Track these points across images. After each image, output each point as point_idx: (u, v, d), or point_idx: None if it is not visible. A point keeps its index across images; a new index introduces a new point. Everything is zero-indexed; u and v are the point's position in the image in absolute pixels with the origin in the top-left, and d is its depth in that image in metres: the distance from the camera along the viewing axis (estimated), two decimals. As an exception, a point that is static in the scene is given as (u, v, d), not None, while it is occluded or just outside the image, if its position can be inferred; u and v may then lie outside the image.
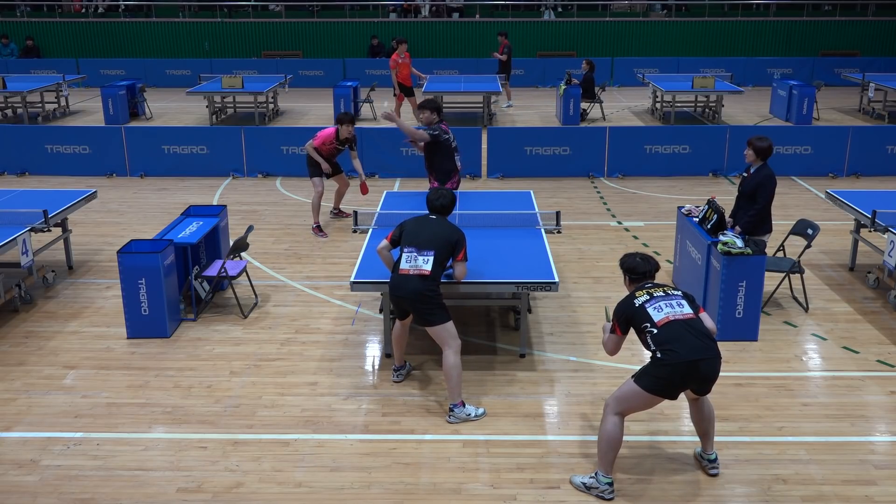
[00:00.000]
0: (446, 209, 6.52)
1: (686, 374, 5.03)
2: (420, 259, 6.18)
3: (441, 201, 6.50)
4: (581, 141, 13.52)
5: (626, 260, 5.65)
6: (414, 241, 6.27)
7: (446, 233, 6.30)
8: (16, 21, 25.30)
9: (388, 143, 13.52)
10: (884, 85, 17.72)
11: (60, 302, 8.45)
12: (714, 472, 5.50)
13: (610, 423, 5.21)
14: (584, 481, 5.34)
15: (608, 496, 5.24)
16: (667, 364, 5.02)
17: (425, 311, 6.15)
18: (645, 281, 5.51)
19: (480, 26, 24.85)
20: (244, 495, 5.35)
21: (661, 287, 5.36)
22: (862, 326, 7.83)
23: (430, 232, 6.29)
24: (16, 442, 5.95)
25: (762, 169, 7.79)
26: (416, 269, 6.14)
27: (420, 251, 6.20)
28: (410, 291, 6.12)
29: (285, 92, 20.07)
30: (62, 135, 13.84)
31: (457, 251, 6.30)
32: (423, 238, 6.26)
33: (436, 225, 6.36)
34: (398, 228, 6.47)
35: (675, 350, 5.00)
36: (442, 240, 6.25)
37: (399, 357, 6.77)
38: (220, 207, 8.87)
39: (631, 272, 5.57)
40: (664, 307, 5.18)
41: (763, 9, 25.29)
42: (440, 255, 6.21)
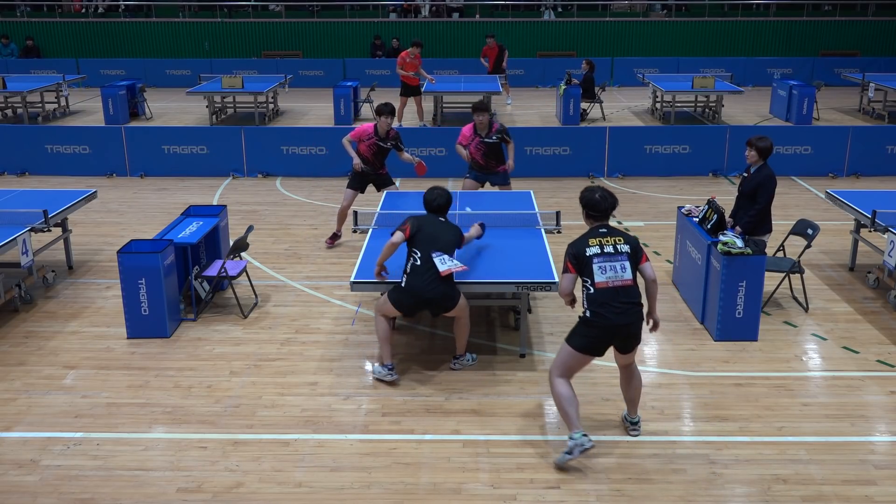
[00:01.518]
0: (443, 209, 6.77)
1: (611, 334, 5.57)
2: (448, 262, 6.44)
3: (439, 201, 6.75)
4: (581, 141, 13.53)
5: (586, 194, 5.71)
6: (436, 245, 6.51)
7: (455, 234, 6.72)
8: (16, 21, 25.29)
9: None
10: (884, 85, 17.71)
11: (60, 302, 8.45)
12: (635, 433, 5.95)
13: (557, 385, 5.62)
14: (565, 452, 5.53)
15: (588, 444, 5.49)
16: (594, 325, 5.56)
17: (449, 303, 6.55)
18: (601, 223, 5.67)
19: (480, 26, 24.84)
20: (244, 495, 5.35)
21: (612, 238, 5.58)
22: (862, 326, 7.83)
23: (445, 235, 6.63)
24: (16, 442, 5.95)
25: (762, 169, 7.79)
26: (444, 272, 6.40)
27: (446, 255, 6.50)
28: (441, 294, 6.46)
29: (285, 92, 20.07)
30: (62, 135, 13.84)
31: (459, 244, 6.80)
32: (443, 241, 6.57)
33: (446, 227, 6.71)
34: (414, 225, 6.56)
35: (604, 315, 5.51)
36: (453, 243, 6.68)
37: (389, 354, 6.82)
38: (220, 207, 8.88)
39: (590, 208, 5.67)
40: (608, 269, 5.52)
41: (763, 9, 25.29)
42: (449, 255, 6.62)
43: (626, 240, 5.63)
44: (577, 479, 5.48)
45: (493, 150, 9.83)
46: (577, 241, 5.68)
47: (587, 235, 5.66)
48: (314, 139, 13.56)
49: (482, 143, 9.77)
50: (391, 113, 9.46)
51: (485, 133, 9.74)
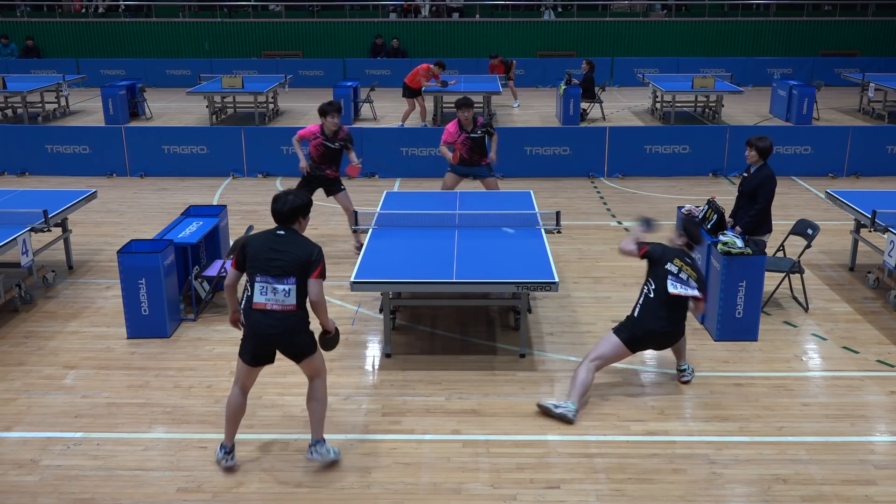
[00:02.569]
0: (287, 217, 5.37)
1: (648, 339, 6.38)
2: (280, 290, 5.22)
3: (288, 206, 5.36)
4: (581, 141, 13.53)
5: (694, 230, 6.53)
6: (267, 267, 5.23)
7: (299, 249, 5.26)
8: (16, 21, 25.29)
9: (389, 143, 13.53)
10: (884, 85, 17.72)
11: (60, 302, 8.45)
12: (686, 379, 6.69)
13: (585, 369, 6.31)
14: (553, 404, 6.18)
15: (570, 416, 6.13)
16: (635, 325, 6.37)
17: (296, 345, 5.39)
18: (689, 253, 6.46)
19: (480, 26, 24.85)
20: (244, 495, 5.35)
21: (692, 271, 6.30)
22: (862, 326, 7.83)
23: (286, 250, 5.26)
24: (16, 442, 5.95)
25: (762, 169, 7.79)
26: (279, 304, 5.23)
27: (277, 279, 5.22)
28: (278, 330, 5.28)
29: (285, 92, 20.07)
30: (62, 135, 13.84)
31: (312, 269, 5.23)
32: (277, 262, 5.22)
33: (288, 241, 5.31)
34: (239, 250, 5.45)
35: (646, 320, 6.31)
36: (295, 259, 5.23)
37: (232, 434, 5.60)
38: (220, 207, 8.88)
39: (693, 240, 6.51)
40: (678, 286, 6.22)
41: (763, 9, 25.29)
42: (301, 281, 5.25)
43: (697, 277, 6.32)
44: (577, 479, 5.49)
45: (478, 144, 9.94)
46: (665, 248, 6.40)
47: (675, 253, 6.38)
48: (314, 139, 13.54)
49: (468, 138, 9.84)
50: (337, 111, 9.13)
51: (470, 128, 9.84)
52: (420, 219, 8.19)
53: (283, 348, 5.45)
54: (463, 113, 9.76)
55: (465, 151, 9.91)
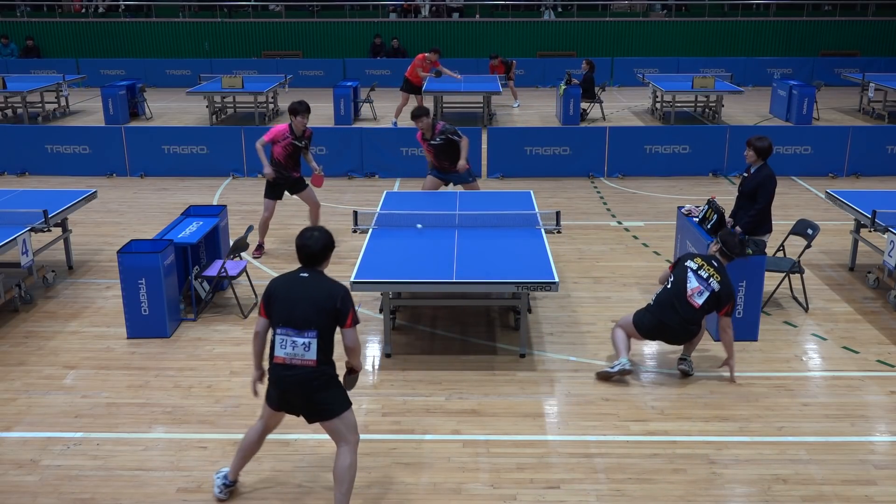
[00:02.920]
0: (316, 258, 4.89)
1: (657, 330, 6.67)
2: (300, 343, 4.80)
3: (310, 248, 4.86)
4: (581, 141, 13.52)
5: (730, 240, 6.66)
6: (288, 317, 4.81)
7: (324, 298, 4.80)
8: (16, 21, 25.29)
9: (388, 143, 13.53)
10: (884, 85, 17.72)
11: (60, 302, 8.45)
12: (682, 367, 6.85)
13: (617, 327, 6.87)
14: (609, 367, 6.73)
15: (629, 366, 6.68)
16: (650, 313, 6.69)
17: (323, 403, 4.90)
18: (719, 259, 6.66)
19: (480, 26, 24.84)
20: (244, 495, 5.35)
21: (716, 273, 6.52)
22: (862, 326, 7.83)
23: (307, 298, 4.81)
24: (16, 442, 5.95)
25: (762, 169, 7.79)
26: (299, 359, 4.81)
27: (297, 332, 4.81)
28: (297, 387, 4.84)
29: (285, 92, 20.06)
30: (62, 135, 13.84)
31: (342, 319, 4.83)
32: (300, 310, 4.79)
33: (312, 286, 4.85)
34: (265, 296, 4.95)
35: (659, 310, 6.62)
36: (318, 309, 4.79)
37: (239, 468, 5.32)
38: (220, 207, 8.88)
39: (729, 250, 6.64)
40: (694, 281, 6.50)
41: (763, 9, 25.29)
42: (329, 330, 4.84)
43: (720, 280, 6.51)
44: (577, 479, 5.49)
45: (442, 151, 9.81)
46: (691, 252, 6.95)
47: (697, 254, 6.73)
48: (314, 139, 13.43)
49: (430, 145, 9.83)
50: (307, 111, 9.12)
51: (430, 136, 9.78)
52: (420, 219, 8.19)
53: (302, 407, 4.93)
54: (417, 123, 9.69)
55: (433, 158, 9.96)
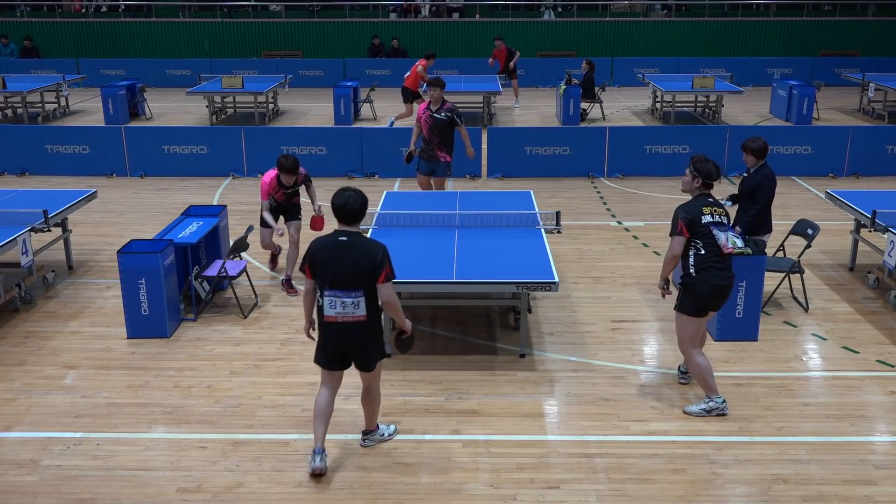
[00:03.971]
0: (357, 214, 5.34)
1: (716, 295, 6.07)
2: (349, 303, 5.23)
3: (351, 206, 5.29)
4: (581, 141, 13.52)
5: (703, 165, 6.11)
6: (333, 279, 5.22)
7: (362, 258, 5.20)
8: (16, 21, 25.29)
9: (388, 143, 13.52)
10: (884, 85, 17.71)
11: (60, 302, 8.45)
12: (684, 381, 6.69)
13: (693, 356, 6.15)
14: (702, 407, 6.21)
15: (726, 411, 6.22)
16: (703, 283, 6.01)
17: (366, 355, 5.45)
18: (708, 193, 6.15)
19: (480, 26, 24.84)
20: (244, 495, 5.35)
21: (718, 209, 6.10)
22: (862, 326, 7.83)
23: (348, 260, 5.19)
24: (16, 442, 5.95)
25: (762, 169, 7.79)
26: (350, 316, 5.26)
27: (345, 293, 5.22)
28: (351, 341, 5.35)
29: (285, 92, 20.06)
30: (62, 135, 13.84)
31: (378, 274, 5.22)
32: (343, 272, 5.19)
33: (349, 251, 5.21)
34: (308, 258, 5.34)
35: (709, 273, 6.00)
36: (358, 270, 5.19)
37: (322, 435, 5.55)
38: (220, 207, 8.88)
39: (707, 177, 6.10)
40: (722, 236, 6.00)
41: (763, 9, 25.29)
42: (370, 290, 5.26)
43: (725, 213, 6.15)
44: (577, 479, 5.49)
45: (440, 127, 10.01)
46: (689, 207, 6.04)
47: (699, 203, 6.07)
48: (314, 139, 13.57)
49: (431, 116, 10.02)
50: (291, 171, 8.26)
51: (435, 108, 10.02)
52: (420, 219, 8.19)
53: (355, 359, 5.49)
54: (432, 90, 10.01)
55: (426, 130, 10.07)
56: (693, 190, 6.17)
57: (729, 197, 7.97)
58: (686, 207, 6.07)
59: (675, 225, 6.05)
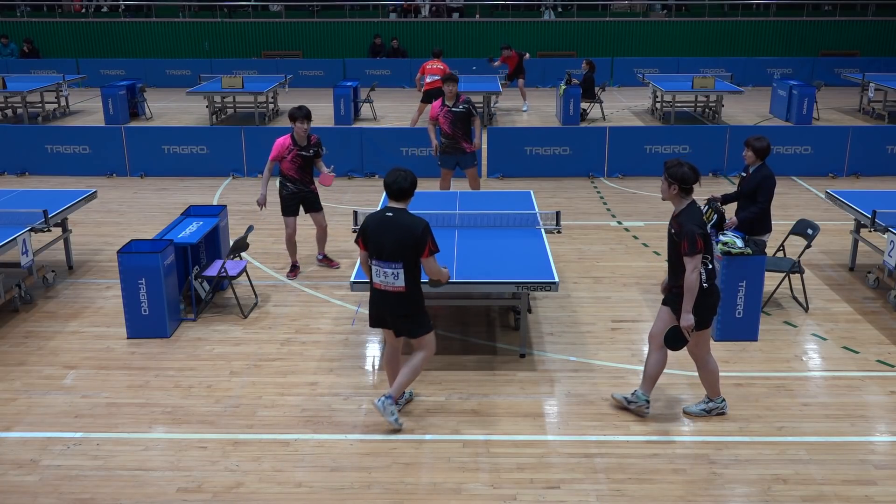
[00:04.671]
0: (406, 192, 5.77)
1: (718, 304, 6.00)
2: (389, 273, 5.72)
3: (400, 184, 5.73)
4: (581, 141, 13.52)
5: (676, 169, 5.68)
6: (378, 252, 5.71)
7: (406, 233, 5.64)
8: (16, 21, 25.29)
9: (388, 143, 13.52)
10: (884, 85, 17.71)
11: (60, 302, 8.45)
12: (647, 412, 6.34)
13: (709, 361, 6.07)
14: (702, 408, 6.17)
15: (725, 409, 6.21)
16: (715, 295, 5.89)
17: (405, 325, 5.93)
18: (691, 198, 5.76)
19: (480, 26, 24.84)
20: (244, 495, 5.35)
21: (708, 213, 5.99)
22: (862, 326, 7.83)
23: (391, 236, 5.65)
24: (16, 442, 5.95)
25: (761, 169, 7.79)
26: (391, 286, 5.76)
27: (386, 264, 5.70)
28: (389, 309, 5.84)
29: (285, 92, 20.07)
30: (62, 135, 13.84)
31: (420, 251, 5.69)
32: (387, 247, 5.67)
33: (394, 226, 5.67)
34: (360, 231, 5.87)
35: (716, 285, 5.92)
36: (402, 245, 5.65)
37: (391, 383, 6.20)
38: (220, 207, 8.88)
39: (683, 182, 5.67)
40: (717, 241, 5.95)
41: (763, 9, 25.29)
42: (412, 261, 5.71)
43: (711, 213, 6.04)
44: (577, 479, 5.49)
45: (460, 119, 10.22)
46: (697, 219, 5.66)
47: (699, 214, 5.75)
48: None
49: (450, 111, 10.21)
50: (306, 116, 8.58)
51: (452, 103, 10.21)
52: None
53: (394, 326, 5.93)
54: (448, 86, 10.17)
55: (447, 126, 10.23)
56: (673, 197, 5.77)
57: (722, 196, 7.95)
58: (695, 221, 5.66)
59: (693, 243, 5.56)
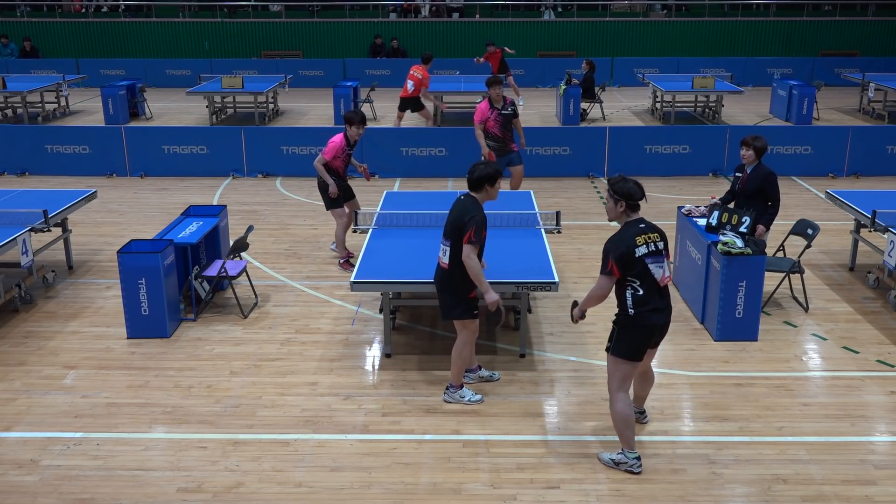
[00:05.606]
0: (472, 183, 6.04)
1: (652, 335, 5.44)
2: (442, 249, 6.11)
3: (472, 174, 6.05)
4: (581, 141, 13.53)
5: (622, 185, 5.34)
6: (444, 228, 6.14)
7: (458, 216, 5.97)
8: (16, 21, 25.29)
9: (388, 143, 13.53)
10: (884, 85, 17.71)
11: (60, 302, 8.45)
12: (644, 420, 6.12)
13: (617, 402, 5.47)
14: (612, 458, 5.60)
15: (637, 469, 5.52)
16: (641, 327, 5.36)
17: (443, 302, 6.24)
18: (638, 216, 5.38)
19: (480, 26, 24.84)
20: (244, 495, 5.35)
21: (653, 234, 5.33)
22: (862, 326, 7.83)
23: (451, 217, 6.07)
24: (16, 442, 5.95)
25: (760, 168, 7.80)
26: (443, 262, 6.11)
27: (444, 239, 6.09)
28: (435, 282, 6.27)
29: (285, 92, 20.07)
30: (62, 135, 13.84)
31: (462, 233, 5.94)
32: (447, 225, 6.08)
33: (456, 208, 6.07)
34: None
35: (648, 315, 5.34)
36: (453, 226, 6.00)
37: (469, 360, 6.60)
38: (220, 207, 8.88)
39: (629, 198, 5.33)
40: (657, 268, 5.32)
41: (763, 9, 25.29)
42: (457, 242, 5.99)
43: (661, 236, 5.39)
44: (577, 479, 5.49)
45: (508, 121, 10.34)
46: (620, 240, 5.29)
47: (630, 233, 5.30)
48: (314, 139, 13.55)
49: (500, 115, 10.24)
50: (363, 122, 8.97)
51: (500, 105, 10.23)
52: (420, 219, 8.18)
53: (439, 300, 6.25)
54: (493, 89, 10.17)
55: (498, 129, 10.26)
56: (619, 217, 5.41)
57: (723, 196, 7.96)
58: (615, 240, 5.33)
59: (604, 262, 5.31)
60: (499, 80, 10.27)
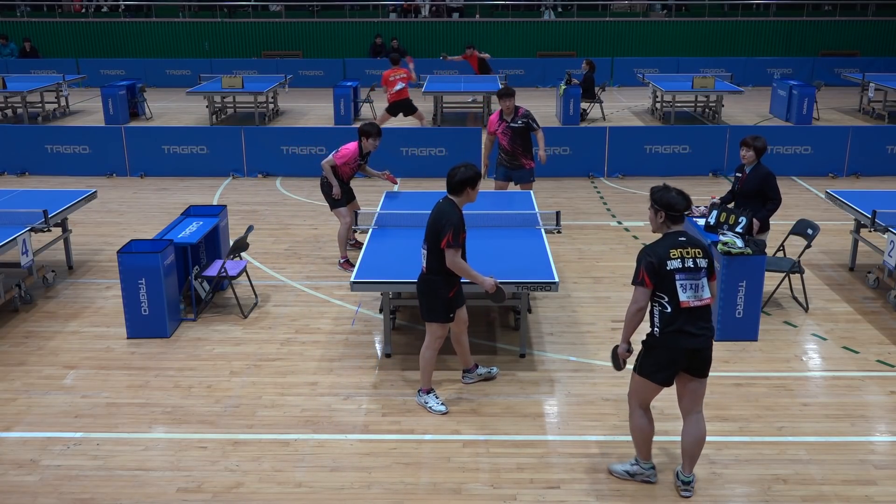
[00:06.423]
0: (453, 186, 5.99)
1: (683, 359, 5.06)
2: (421, 253, 6.12)
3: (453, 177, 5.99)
4: (581, 141, 13.53)
5: (663, 195, 5.07)
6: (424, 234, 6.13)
7: (435, 221, 5.95)
8: (15, 21, 25.29)
9: (389, 143, 13.50)
10: (884, 85, 17.71)
11: (60, 302, 8.45)
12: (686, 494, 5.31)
13: (635, 417, 5.34)
14: (626, 469, 5.47)
15: (653, 479, 5.43)
16: (667, 348, 5.02)
17: (422, 304, 6.23)
18: (679, 228, 5.07)
19: (480, 26, 24.84)
20: (244, 495, 5.35)
21: (693, 250, 4.99)
22: (862, 326, 7.83)
23: (429, 222, 6.05)
24: (16, 442, 5.95)
25: (759, 167, 7.80)
26: (423, 266, 6.13)
27: (422, 244, 6.10)
28: (417, 285, 6.24)
29: (285, 92, 20.06)
30: (62, 135, 13.85)
31: (440, 237, 5.90)
32: (426, 230, 6.07)
33: (434, 213, 6.03)
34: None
35: (678, 339, 4.98)
36: (431, 231, 5.98)
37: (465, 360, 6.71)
38: (220, 207, 8.88)
39: (669, 209, 5.04)
40: (688, 287, 4.94)
41: (763, 9, 25.29)
42: (434, 247, 5.99)
43: (703, 253, 5.03)
44: (577, 479, 5.49)
45: (519, 135, 9.81)
46: (654, 250, 5.01)
47: (667, 245, 5.01)
48: (314, 139, 13.57)
49: (508, 127, 9.78)
50: (378, 135, 8.99)
51: (510, 118, 9.78)
52: (420, 219, 8.17)
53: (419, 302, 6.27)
54: (504, 102, 9.72)
55: (506, 142, 9.83)
56: (660, 227, 5.14)
57: (724, 196, 7.96)
58: (648, 249, 5.05)
59: (636, 272, 5.02)
60: (510, 93, 9.79)
